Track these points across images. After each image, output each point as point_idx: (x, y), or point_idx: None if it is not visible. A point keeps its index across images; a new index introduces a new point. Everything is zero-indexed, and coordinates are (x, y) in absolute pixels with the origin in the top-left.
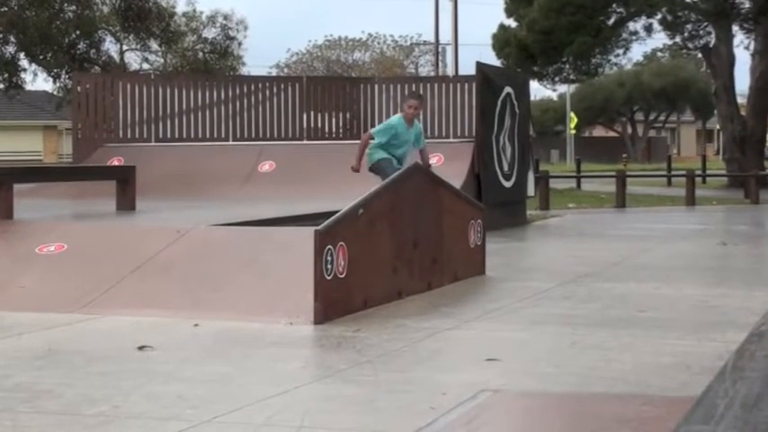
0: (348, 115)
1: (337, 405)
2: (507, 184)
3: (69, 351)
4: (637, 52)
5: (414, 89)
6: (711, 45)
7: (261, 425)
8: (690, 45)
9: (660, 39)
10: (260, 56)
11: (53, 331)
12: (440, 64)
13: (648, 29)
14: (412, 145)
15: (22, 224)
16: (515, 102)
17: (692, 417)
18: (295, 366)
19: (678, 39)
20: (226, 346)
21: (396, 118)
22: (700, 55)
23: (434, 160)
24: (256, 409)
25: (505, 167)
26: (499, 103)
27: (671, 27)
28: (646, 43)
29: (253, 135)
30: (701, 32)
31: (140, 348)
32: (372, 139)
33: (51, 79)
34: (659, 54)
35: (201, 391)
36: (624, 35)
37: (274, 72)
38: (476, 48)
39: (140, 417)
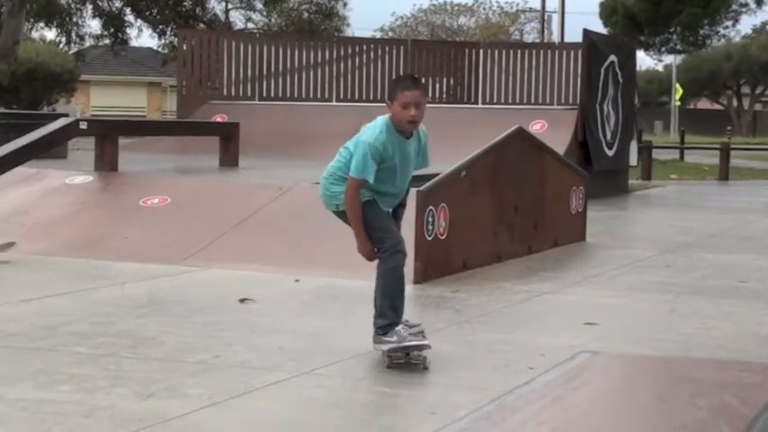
0: (452, 81)
1: (435, 363)
2: (609, 153)
3: (171, 301)
4: (746, 25)
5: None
6: None
7: (360, 378)
8: None
9: None
10: (364, 18)
11: (155, 281)
12: (545, 31)
13: (759, 1)
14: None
15: (127, 177)
16: (618, 70)
17: None
18: None
19: None
20: (326, 301)
21: (381, 123)
22: None
23: (537, 126)
24: (355, 362)
25: (608, 136)
26: (602, 71)
27: None
28: (756, 15)
29: (356, 96)
30: None
31: (242, 301)
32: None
33: (156, 36)
34: None
35: (301, 344)
36: (734, 6)
37: (378, 35)
38: (582, 16)
39: (241, 366)
